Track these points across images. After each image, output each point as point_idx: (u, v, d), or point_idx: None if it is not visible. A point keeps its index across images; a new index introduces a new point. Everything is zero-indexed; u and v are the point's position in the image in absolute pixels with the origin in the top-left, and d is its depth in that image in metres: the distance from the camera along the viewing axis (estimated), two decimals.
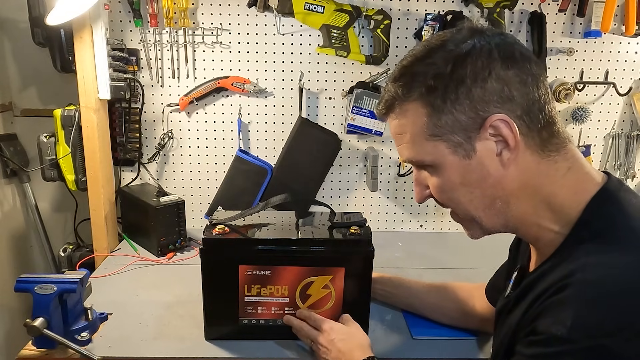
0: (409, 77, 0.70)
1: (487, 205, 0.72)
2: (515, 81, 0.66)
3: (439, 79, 0.68)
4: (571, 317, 0.59)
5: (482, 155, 0.69)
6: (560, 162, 0.69)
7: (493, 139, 0.68)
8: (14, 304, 1.72)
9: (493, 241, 1.79)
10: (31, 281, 1.03)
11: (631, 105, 1.73)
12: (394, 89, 0.72)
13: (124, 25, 1.60)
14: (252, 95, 1.67)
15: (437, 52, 0.69)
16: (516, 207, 0.71)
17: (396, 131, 0.75)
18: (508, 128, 0.66)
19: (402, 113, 0.72)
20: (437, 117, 0.69)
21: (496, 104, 0.66)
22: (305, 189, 1.69)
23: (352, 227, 1.11)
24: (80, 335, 1.07)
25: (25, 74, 1.69)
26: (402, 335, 1.16)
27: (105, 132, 1.56)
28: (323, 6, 1.54)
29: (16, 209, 1.76)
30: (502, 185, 0.70)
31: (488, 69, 0.66)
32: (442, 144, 0.70)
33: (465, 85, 0.66)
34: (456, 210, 0.77)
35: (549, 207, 0.70)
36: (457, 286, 1.18)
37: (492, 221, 0.74)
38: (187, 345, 1.09)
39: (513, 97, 0.66)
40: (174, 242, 1.54)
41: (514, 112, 0.67)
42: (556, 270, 0.65)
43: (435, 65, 0.68)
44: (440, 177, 0.73)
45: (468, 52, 0.67)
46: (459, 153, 0.69)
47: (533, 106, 0.67)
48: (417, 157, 0.73)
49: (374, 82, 1.64)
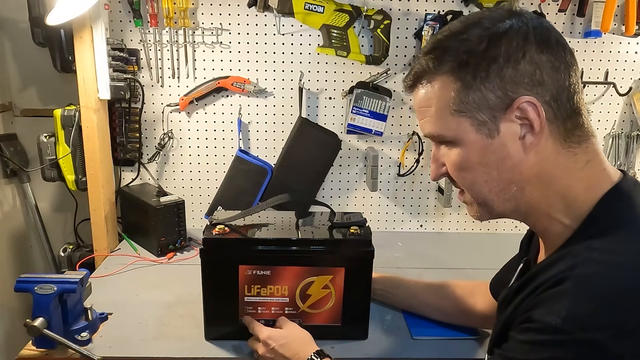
0: (442, 50, 0.70)
1: (502, 189, 0.71)
2: (548, 66, 0.66)
3: (471, 55, 0.67)
4: (566, 309, 0.59)
5: (505, 136, 0.68)
6: (580, 155, 0.69)
7: (518, 121, 0.67)
8: (14, 304, 1.72)
9: (493, 241, 1.80)
10: (31, 281, 1.03)
11: (631, 105, 1.73)
12: (424, 61, 0.71)
13: (124, 25, 1.60)
14: (252, 95, 1.67)
15: (473, 28, 0.68)
16: (530, 194, 0.71)
17: (421, 104, 0.74)
18: (535, 112, 0.66)
19: (430, 86, 0.72)
20: (465, 93, 0.68)
21: (526, 87, 0.66)
22: (305, 189, 1.69)
23: (352, 227, 1.11)
24: (80, 335, 1.07)
25: (25, 74, 1.69)
26: (402, 335, 1.16)
27: (105, 132, 1.56)
28: (323, 6, 1.54)
29: (16, 209, 1.76)
30: (520, 169, 0.69)
31: (522, 50, 0.66)
32: (467, 121, 0.69)
33: (498, 64, 0.66)
34: (469, 191, 0.75)
35: (562, 199, 0.70)
36: (456, 284, 1.18)
37: (504, 205, 0.73)
38: (187, 345, 1.09)
39: (544, 81, 0.66)
40: (174, 242, 1.54)
41: (543, 97, 0.66)
42: (558, 264, 0.66)
43: (469, 42, 0.68)
44: (460, 154, 0.72)
45: (504, 31, 0.67)
46: (482, 132, 0.69)
47: (562, 94, 0.67)
48: (439, 132, 0.73)
49: (374, 82, 1.64)
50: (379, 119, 1.63)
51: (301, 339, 1.01)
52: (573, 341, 0.58)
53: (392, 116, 1.68)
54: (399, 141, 1.73)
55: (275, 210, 1.28)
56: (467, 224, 1.82)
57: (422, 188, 1.78)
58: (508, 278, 0.94)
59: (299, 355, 0.96)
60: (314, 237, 1.11)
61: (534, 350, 0.62)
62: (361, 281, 1.09)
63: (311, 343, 1.00)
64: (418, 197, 1.79)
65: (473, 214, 0.77)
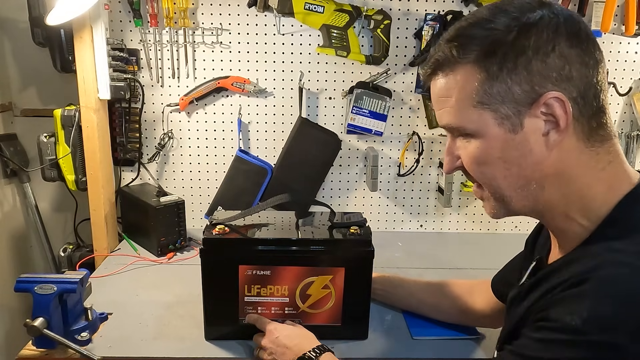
0: (466, 38, 0.66)
1: (521, 186, 0.69)
2: (577, 61, 0.63)
3: (499, 45, 0.64)
4: (588, 310, 0.57)
5: (528, 132, 0.65)
6: (602, 155, 0.67)
7: (543, 117, 0.64)
8: (14, 304, 1.72)
9: (493, 241, 1.80)
10: (31, 281, 1.03)
11: (631, 105, 1.73)
12: (447, 48, 0.68)
13: (124, 25, 1.60)
14: (252, 95, 1.67)
15: (500, 17, 0.65)
16: (549, 193, 0.68)
17: (440, 94, 0.71)
18: (562, 108, 0.63)
19: (452, 75, 0.68)
20: (489, 84, 0.65)
21: (554, 81, 0.63)
22: (305, 189, 1.69)
23: (352, 227, 1.11)
24: (80, 335, 1.07)
25: (25, 74, 1.69)
26: (402, 335, 1.16)
27: (105, 132, 1.56)
28: (323, 6, 1.54)
29: (16, 209, 1.76)
30: (541, 167, 0.67)
31: (553, 43, 0.63)
32: (489, 114, 0.66)
33: (526, 56, 0.63)
34: (487, 186, 0.72)
35: (581, 199, 0.68)
36: (455, 283, 1.18)
37: (522, 203, 0.70)
38: (187, 345, 1.09)
39: (572, 77, 0.63)
40: (174, 242, 1.54)
41: (570, 93, 0.63)
42: (576, 264, 0.64)
43: (497, 31, 0.64)
44: (479, 148, 0.68)
45: (535, 22, 0.64)
46: (504, 126, 0.66)
47: (589, 90, 0.64)
48: (459, 124, 0.69)
49: (374, 82, 1.64)
50: (379, 119, 1.63)
51: (306, 334, 1.02)
52: (592, 342, 0.57)
53: (392, 116, 1.68)
54: (399, 141, 1.73)
55: (275, 210, 1.28)
56: (467, 224, 1.82)
57: (422, 188, 1.78)
58: (513, 277, 0.94)
59: (300, 346, 0.97)
60: (314, 237, 1.11)
61: (549, 348, 0.61)
62: (361, 281, 1.09)
63: (314, 339, 1.00)
64: (418, 197, 1.79)
65: (489, 211, 0.75)
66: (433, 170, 1.76)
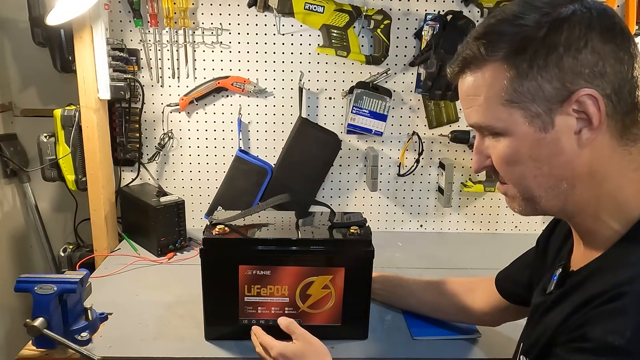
0: (496, 35, 0.65)
1: (552, 185, 0.67)
2: (611, 57, 0.61)
3: (529, 42, 0.62)
4: (631, 328, 0.55)
5: (560, 130, 0.63)
6: (635, 155, 0.65)
7: (575, 115, 0.62)
8: (14, 304, 1.72)
9: (493, 241, 1.80)
10: (31, 281, 1.03)
11: None
12: (475, 46, 0.66)
13: (124, 25, 1.60)
14: (252, 95, 1.67)
15: (530, 13, 0.63)
16: (580, 193, 0.66)
17: (469, 92, 0.69)
18: (595, 106, 0.61)
19: (481, 73, 0.66)
20: (519, 82, 0.63)
21: (586, 78, 0.61)
22: (305, 189, 1.69)
23: (352, 227, 1.11)
24: (80, 335, 1.07)
25: (25, 74, 1.69)
26: (402, 335, 1.16)
27: (105, 132, 1.56)
28: (323, 6, 1.54)
29: (16, 209, 1.76)
30: (573, 166, 0.64)
31: (585, 39, 0.61)
32: (519, 112, 0.64)
33: (558, 52, 0.61)
34: (516, 185, 0.70)
35: (613, 201, 0.65)
36: (455, 281, 1.17)
37: (552, 203, 0.68)
38: (187, 345, 1.09)
39: (606, 73, 0.61)
40: (174, 242, 1.54)
41: (604, 90, 0.61)
42: (609, 273, 0.62)
43: (527, 27, 0.63)
44: (509, 147, 0.67)
45: (566, 17, 0.62)
46: (535, 124, 0.64)
47: (624, 87, 0.62)
48: (488, 123, 0.68)
49: (374, 82, 1.64)
50: (379, 119, 1.63)
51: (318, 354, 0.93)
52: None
53: (392, 116, 1.68)
54: (399, 141, 1.73)
55: (275, 210, 1.28)
56: (467, 224, 1.82)
57: (422, 188, 1.78)
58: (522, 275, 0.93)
59: None
60: (314, 237, 1.11)
61: None
62: (361, 281, 1.09)
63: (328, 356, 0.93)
64: (418, 197, 1.79)
65: (515, 208, 0.72)
66: (433, 170, 1.76)
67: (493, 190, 1.70)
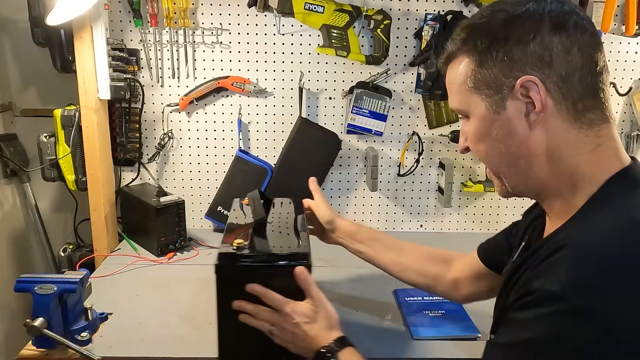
0: (467, 31, 0.75)
1: (511, 163, 0.75)
2: (559, 48, 0.69)
3: (487, 36, 0.72)
4: (566, 273, 0.60)
5: (511, 113, 0.72)
6: (591, 137, 0.71)
7: (523, 99, 0.70)
8: (14, 304, 1.72)
9: None
10: (31, 281, 1.03)
11: (631, 105, 1.73)
12: (455, 41, 0.77)
13: (124, 25, 1.60)
14: (252, 95, 1.67)
15: (497, 12, 0.73)
16: (538, 170, 0.73)
17: (448, 81, 0.80)
18: (537, 91, 0.69)
19: (456, 64, 0.77)
20: (479, 71, 0.73)
21: (533, 67, 0.69)
22: (306, 189, 1.68)
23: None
24: (80, 335, 1.07)
25: (25, 74, 1.69)
26: (402, 335, 1.16)
27: (105, 132, 1.56)
28: (323, 6, 1.54)
29: (16, 209, 1.76)
30: (527, 145, 0.72)
31: (534, 32, 0.69)
32: (478, 97, 0.74)
33: (508, 44, 0.70)
34: (486, 164, 0.80)
35: (571, 179, 0.72)
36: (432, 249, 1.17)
37: (514, 179, 0.77)
38: (187, 345, 1.09)
39: (552, 62, 0.69)
40: (174, 242, 1.54)
41: (550, 78, 0.69)
42: (557, 237, 0.68)
43: (489, 24, 0.73)
44: (474, 128, 0.77)
45: (520, 14, 0.71)
46: (490, 107, 0.73)
47: (573, 75, 0.69)
48: (458, 107, 0.78)
49: (374, 82, 1.64)
50: (379, 119, 1.63)
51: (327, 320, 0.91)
52: (573, 310, 0.58)
53: (392, 116, 1.68)
54: (399, 141, 1.73)
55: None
56: (467, 224, 1.82)
57: (422, 188, 1.78)
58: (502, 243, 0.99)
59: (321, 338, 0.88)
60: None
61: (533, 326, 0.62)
62: None
63: (337, 327, 0.91)
64: (418, 197, 1.79)
65: (496, 190, 0.81)
66: (433, 170, 1.76)
67: (493, 190, 1.70)
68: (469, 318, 1.21)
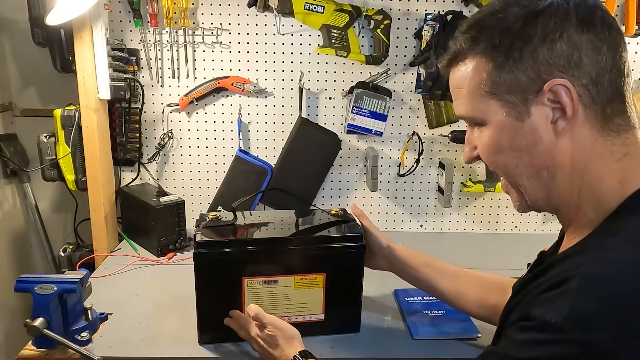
0: (478, 29, 0.68)
1: (533, 174, 0.68)
2: (588, 47, 0.62)
3: (506, 35, 0.65)
4: (568, 308, 0.56)
5: (536, 120, 0.65)
6: (618, 146, 0.65)
7: (550, 104, 0.64)
8: (14, 304, 1.72)
9: (493, 241, 1.79)
10: (31, 281, 1.03)
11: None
12: (461, 40, 0.70)
13: (124, 25, 1.60)
14: (252, 95, 1.67)
15: (511, 7, 0.66)
16: (561, 182, 0.67)
17: (455, 85, 0.72)
18: (568, 95, 0.63)
19: (464, 65, 0.70)
20: (497, 74, 0.66)
21: (561, 69, 0.63)
22: (306, 189, 1.69)
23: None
24: (80, 335, 1.07)
25: (25, 74, 1.69)
26: (402, 335, 1.16)
27: (105, 132, 1.56)
28: (323, 6, 1.54)
29: (16, 209, 1.76)
30: (552, 155, 0.66)
31: (560, 30, 0.62)
32: (497, 103, 0.67)
33: (532, 44, 0.63)
34: (504, 176, 0.73)
35: (593, 191, 0.66)
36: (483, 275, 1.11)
37: (535, 193, 0.70)
38: (187, 346, 1.09)
39: (582, 63, 0.62)
40: (174, 242, 1.54)
41: (579, 80, 0.63)
42: (567, 261, 0.63)
43: (505, 20, 0.65)
44: (490, 137, 0.70)
45: (542, 10, 0.64)
46: (512, 114, 0.66)
47: (603, 77, 0.63)
48: (470, 114, 0.71)
49: (374, 82, 1.64)
50: (379, 119, 1.63)
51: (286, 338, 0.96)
52: (571, 340, 0.55)
53: (392, 116, 1.68)
54: (399, 141, 1.73)
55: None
56: (467, 224, 1.82)
57: (422, 188, 1.78)
58: None
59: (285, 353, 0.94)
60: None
61: (528, 348, 0.59)
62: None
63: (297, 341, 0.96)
64: (418, 197, 1.79)
65: (514, 204, 0.75)
66: (433, 170, 1.76)
67: (493, 190, 1.70)
68: (469, 318, 1.20)
